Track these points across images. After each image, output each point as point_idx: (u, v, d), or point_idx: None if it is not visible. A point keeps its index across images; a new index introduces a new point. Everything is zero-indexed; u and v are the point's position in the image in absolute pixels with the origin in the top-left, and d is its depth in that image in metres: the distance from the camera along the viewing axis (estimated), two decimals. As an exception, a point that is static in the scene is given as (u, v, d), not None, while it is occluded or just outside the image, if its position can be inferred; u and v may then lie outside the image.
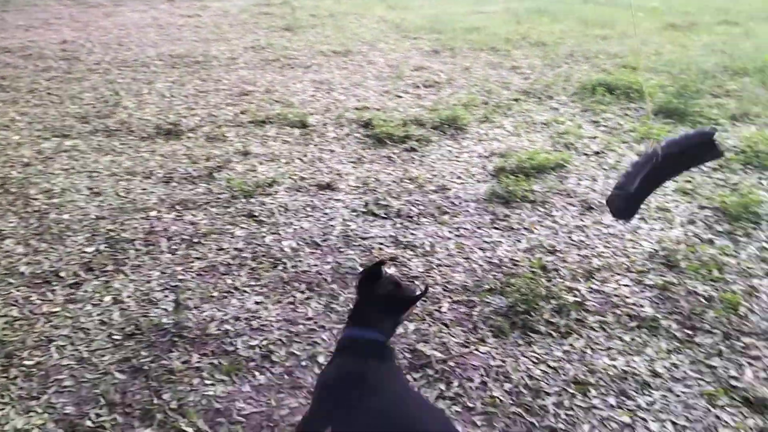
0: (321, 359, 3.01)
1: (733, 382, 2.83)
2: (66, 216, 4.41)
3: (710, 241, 3.99)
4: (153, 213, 4.46)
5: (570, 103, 6.85)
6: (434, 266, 3.81)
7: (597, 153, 5.45)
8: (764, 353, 3.01)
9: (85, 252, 3.96)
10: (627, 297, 3.46)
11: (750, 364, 2.95)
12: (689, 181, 4.81)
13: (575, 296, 3.48)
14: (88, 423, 2.64)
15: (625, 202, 2.65)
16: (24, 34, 10.28)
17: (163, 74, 7.98)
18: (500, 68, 8.37)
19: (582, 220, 4.32)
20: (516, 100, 6.98)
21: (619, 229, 4.19)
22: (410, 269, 3.77)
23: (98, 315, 3.34)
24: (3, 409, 2.72)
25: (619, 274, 3.69)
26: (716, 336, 3.13)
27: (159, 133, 5.98)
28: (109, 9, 12.46)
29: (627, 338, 3.13)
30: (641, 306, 3.35)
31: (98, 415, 2.67)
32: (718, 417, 2.64)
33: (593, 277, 3.66)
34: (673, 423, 2.62)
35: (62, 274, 3.72)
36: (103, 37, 10.04)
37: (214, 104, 6.80)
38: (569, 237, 4.12)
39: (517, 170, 5.00)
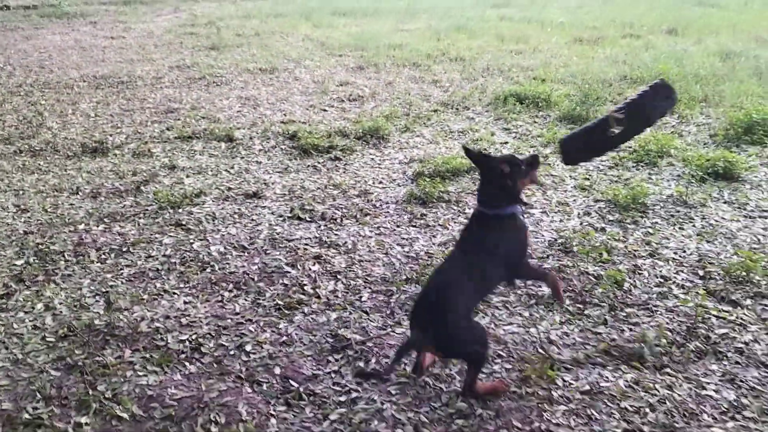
0: (248, 347, 3.24)
1: (614, 344, 3.22)
2: (-7, 232, 4.47)
3: (602, 229, 4.43)
4: (81, 226, 4.57)
5: (485, 113, 7.32)
6: (356, 262, 4.10)
7: (507, 156, 5.88)
8: (643, 320, 3.43)
9: (14, 265, 4.05)
10: (527, 280, 3.82)
11: (630, 329, 3.35)
12: (587, 179, 5.29)
13: (482, 281, 3.82)
14: (26, 416, 2.78)
15: (564, 147, 3.17)
16: (-61, 58, 10.08)
17: (87, 95, 8.02)
18: (421, 82, 8.82)
19: (491, 216, 4.69)
20: (435, 111, 7.41)
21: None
22: (333, 265, 4.04)
23: (31, 321, 3.47)
24: (-62, 411, 2.82)
25: (522, 261, 4.06)
26: (603, 308, 3.53)
27: (85, 151, 6.07)
28: (28, 32, 12.30)
29: (526, 314, 3.49)
30: (539, 286, 3.73)
31: (35, 408, 2.82)
32: (600, 374, 3.02)
33: (499, 265, 4.01)
34: (563, 380, 2.98)
35: (-8, 286, 3.81)
36: (23, 60, 9.95)
37: (140, 122, 6.92)
38: (479, 231, 4.48)
39: (434, 174, 5.37)
